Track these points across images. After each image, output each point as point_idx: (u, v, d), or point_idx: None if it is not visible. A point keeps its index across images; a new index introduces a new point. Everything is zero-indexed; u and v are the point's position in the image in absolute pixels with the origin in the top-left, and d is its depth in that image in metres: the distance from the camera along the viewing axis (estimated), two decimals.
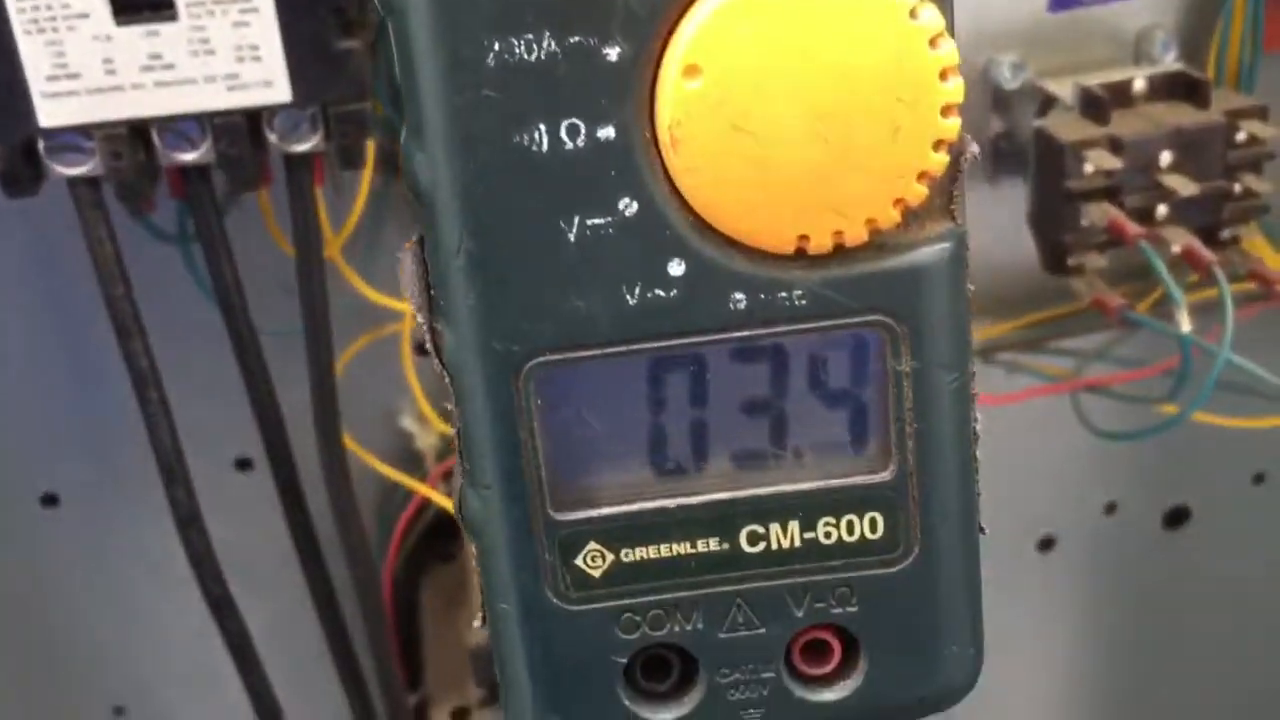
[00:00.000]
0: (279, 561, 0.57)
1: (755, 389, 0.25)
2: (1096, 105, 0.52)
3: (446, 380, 0.24)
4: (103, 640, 0.63)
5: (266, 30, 0.39)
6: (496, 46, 0.22)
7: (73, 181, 0.41)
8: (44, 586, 0.62)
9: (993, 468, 0.68)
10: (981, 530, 0.26)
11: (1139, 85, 0.53)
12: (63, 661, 0.64)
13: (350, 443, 0.52)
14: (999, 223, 0.59)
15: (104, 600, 0.62)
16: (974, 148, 0.24)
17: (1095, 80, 0.53)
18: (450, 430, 0.25)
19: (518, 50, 0.22)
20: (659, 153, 0.22)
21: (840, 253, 0.23)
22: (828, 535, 0.25)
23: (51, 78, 0.39)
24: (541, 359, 0.24)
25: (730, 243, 0.23)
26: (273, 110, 0.41)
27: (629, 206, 0.23)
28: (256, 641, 0.62)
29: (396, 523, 0.58)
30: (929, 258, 0.24)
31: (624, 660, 0.26)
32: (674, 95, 0.22)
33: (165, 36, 0.38)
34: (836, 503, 0.25)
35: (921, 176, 0.23)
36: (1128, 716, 0.76)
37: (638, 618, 0.25)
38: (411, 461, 0.58)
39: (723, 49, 0.22)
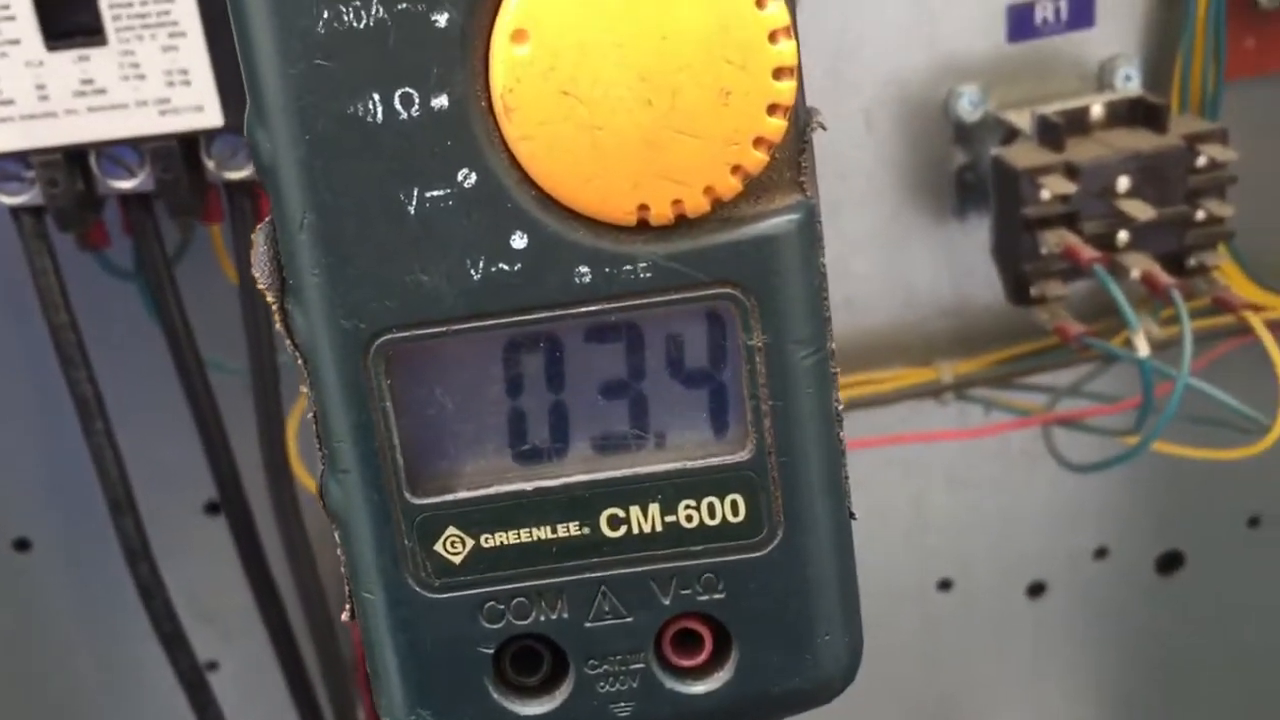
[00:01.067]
0: (250, 607, 0.57)
1: (610, 369, 0.24)
2: (1053, 132, 0.52)
3: (300, 363, 0.24)
4: (82, 684, 0.63)
5: (195, 54, 0.39)
6: (325, 14, 0.22)
7: (15, 211, 0.42)
8: (21, 632, 0.62)
9: (979, 511, 0.67)
10: (851, 515, 0.25)
11: (1096, 111, 0.53)
12: (42, 708, 0.64)
13: (309, 481, 0.52)
14: (968, 258, 0.59)
15: (81, 644, 0.62)
16: (820, 117, 0.24)
17: (1053, 108, 0.53)
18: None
19: (346, 17, 0.22)
20: (494, 122, 0.22)
21: (684, 224, 0.23)
22: (689, 519, 0.24)
23: None
24: (389, 336, 0.23)
25: (572, 215, 0.23)
26: (209, 136, 0.41)
27: (468, 178, 0.23)
28: (227, 688, 0.62)
29: None
30: (776, 229, 0.23)
31: (491, 651, 0.25)
32: (504, 61, 0.22)
33: (96, 61, 0.39)
34: (696, 485, 0.24)
35: (759, 143, 0.22)
36: None
37: (501, 606, 0.25)
38: None
39: (549, 13, 0.22)
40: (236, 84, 0.40)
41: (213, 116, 0.40)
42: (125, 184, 0.42)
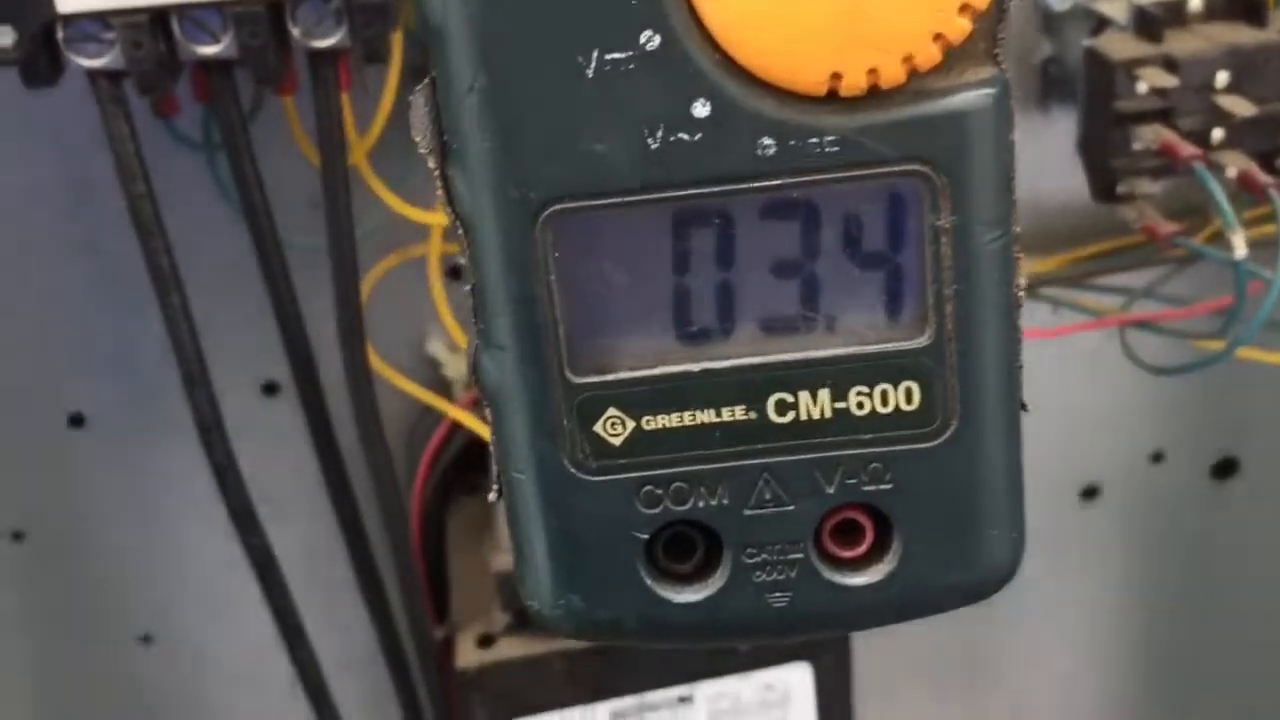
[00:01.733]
0: (307, 489, 0.57)
1: (785, 248, 0.23)
2: (1150, 23, 0.50)
3: (460, 231, 0.23)
4: (129, 565, 0.63)
5: None
6: None
7: (93, 75, 0.40)
8: (70, 509, 0.61)
9: (1037, 411, 0.66)
10: (1024, 407, 0.24)
11: (1195, 4, 0.51)
12: (89, 586, 0.63)
13: (378, 364, 0.51)
14: (1048, 153, 0.58)
15: (130, 524, 0.62)
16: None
17: None
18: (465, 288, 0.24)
19: None
20: None
21: (876, 96, 0.22)
22: (860, 406, 0.24)
23: None
24: (559, 206, 0.22)
25: (759, 83, 0.22)
26: (295, 1, 0.39)
27: (650, 40, 0.21)
28: (284, 569, 0.62)
29: (423, 453, 0.57)
30: (972, 103, 0.22)
31: (646, 536, 0.24)
32: None
33: None
34: (870, 370, 0.23)
35: (964, 9, 0.21)
36: (1172, 673, 0.74)
37: (659, 490, 0.24)
38: (439, 389, 0.56)
39: None
40: None
41: None
42: (209, 49, 0.40)
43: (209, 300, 0.52)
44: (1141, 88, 0.49)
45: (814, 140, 0.22)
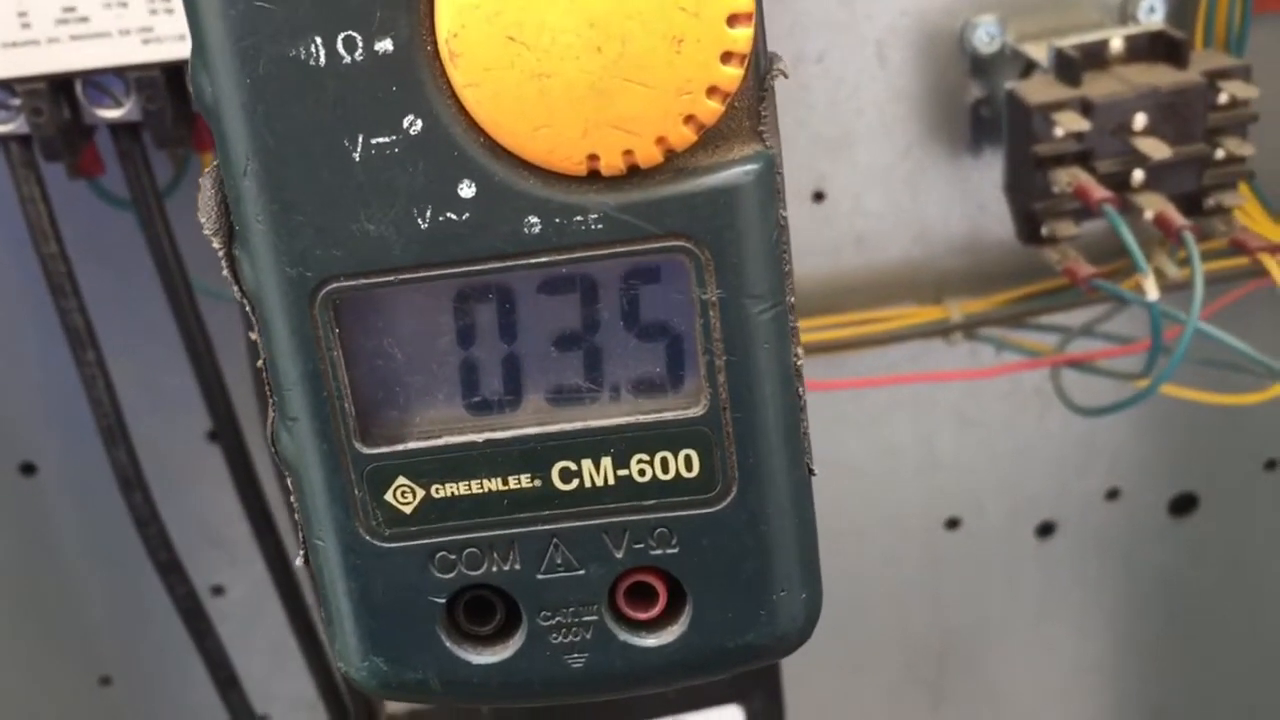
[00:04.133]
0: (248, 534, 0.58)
1: (562, 321, 0.24)
2: (1069, 66, 0.51)
3: (247, 309, 0.24)
4: (87, 609, 0.64)
5: None
6: None
7: (2, 140, 0.42)
8: (28, 556, 0.62)
9: (989, 450, 0.66)
10: (810, 471, 0.25)
11: (1116, 46, 0.52)
12: (50, 632, 0.65)
13: None
14: (981, 195, 0.58)
15: (86, 569, 0.63)
16: (782, 64, 0.23)
17: (1070, 41, 0.52)
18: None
19: None
20: (441, 68, 0.22)
21: (636, 174, 0.22)
22: (642, 473, 0.24)
23: None
24: (336, 284, 0.23)
25: (521, 163, 0.22)
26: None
27: (414, 124, 0.22)
28: (236, 610, 0.63)
29: None
30: (732, 180, 0.22)
31: (442, 600, 0.25)
32: (449, 4, 0.21)
33: None
34: (649, 439, 0.24)
35: (713, 92, 0.22)
36: (1133, 707, 0.74)
37: (453, 556, 0.25)
38: None
39: None
40: None
41: None
42: (112, 113, 0.41)
43: (156, 347, 0.53)
44: (1058, 131, 0.49)
45: (579, 218, 0.22)
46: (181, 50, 0.40)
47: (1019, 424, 0.64)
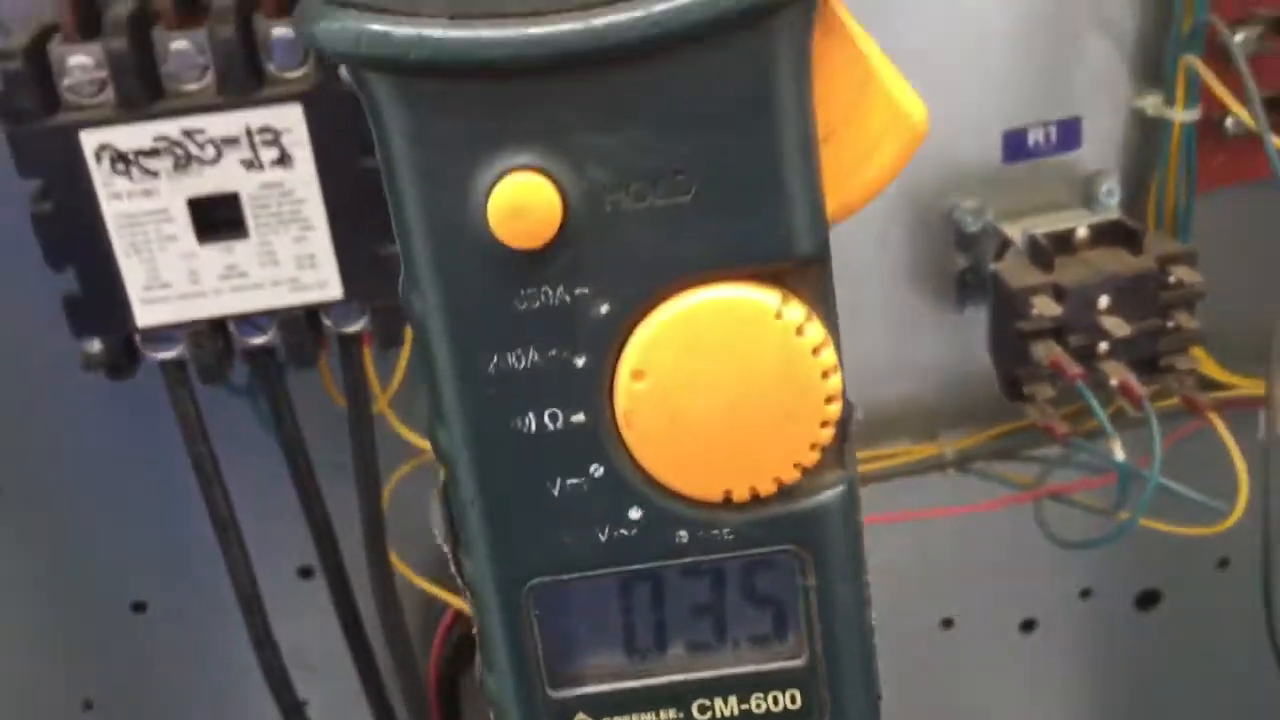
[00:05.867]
0: (334, 656, 0.65)
1: (700, 598, 0.32)
2: (1042, 253, 0.59)
3: (466, 594, 0.32)
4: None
5: (321, 243, 0.47)
6: (495, 359, 0.30)
7: (163, 364, 0.50)
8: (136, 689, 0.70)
9: (977, 558, 0.75)
10: (878, 695, 0.33)
11: (1081, 234, 0.60)
12: None
13: (395, 561, 0.60)
14: (968, 344, 0.66)
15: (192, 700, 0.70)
16: (859, 414, 0.31)
17: (1043, 228, 0.61)
18: None
19: (510, 361, 0.30)
20: (618, 432, 0.30)
21: (756, 500, 0.31)
22: (759, 706, 0.32)
23: (147, 287, 0.47)
24: (537, 580, 0.31)
25: (675, 495, 0.31)
26: (327, 304, 0.49)
27: (597, 470, 0.30)
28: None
29: (438, 624, 0.66)
30: (826, 500, 0.31)
31: None
32: (626, 392, 0.30)
33: (239, 252, 0.47)
34: (765, 682, 0.32)
35: (813, 446, 0.30)
36: None
37: None
38: (447, 577, 0.65)
39: (659, 360, 0.29)
40: (354, 265, 0.48)
41: (334, 290, 0.48)
42: (257, 340, 0.49)
43: (251, 500, 0.61)
44: (1035, 312, 0.58)
45: (715, 531, 0.31)
46: (323, 295, 0.48)
47: (1004, 535, 0.73)
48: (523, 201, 0.28)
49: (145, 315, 0.47)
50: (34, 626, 0.67)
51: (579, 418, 0.30)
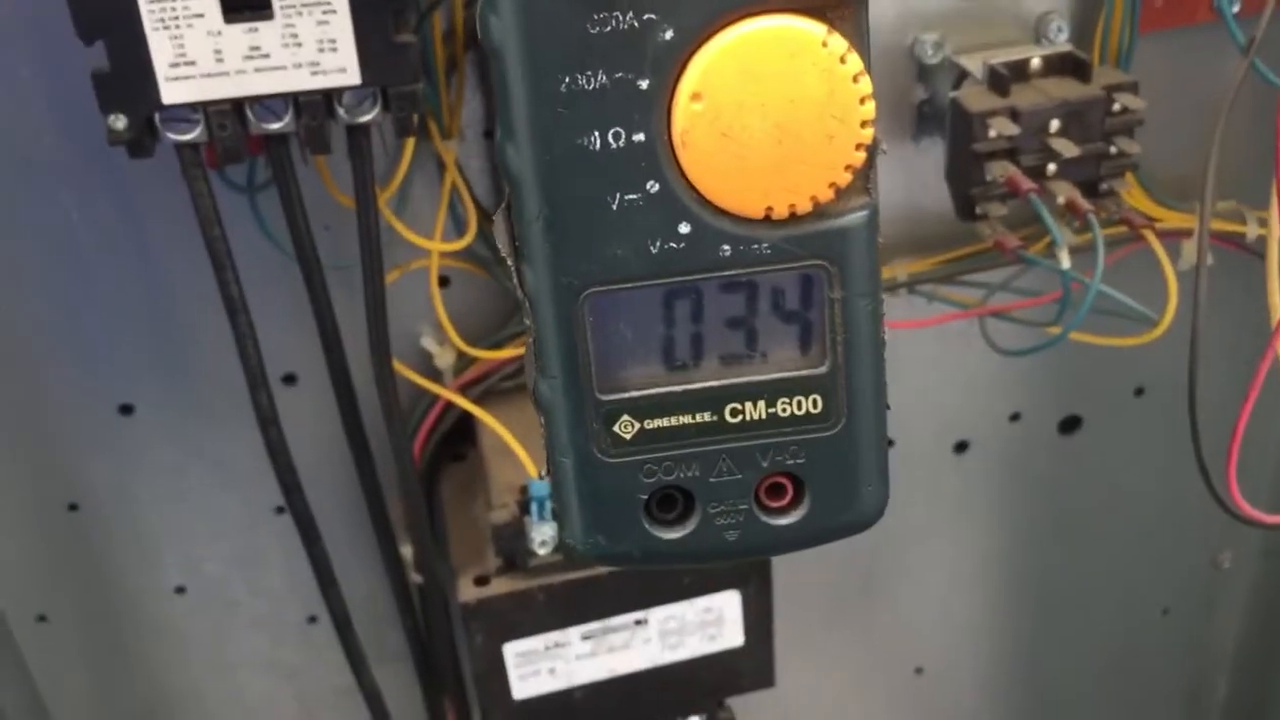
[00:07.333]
0: (317, 463, 0.68)
1: (736, 311, 0.36)
2: (1000, 81, 0.64)
3: (525, 304, 0.36)
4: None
5: (343, 27, 0.49)
6: (566, 80, 0.33)
7: (179, 146, 0.52)
8: (117, 489, 0.72)
9: (918, 384, 0.80)
10: (887, 406, 0.37)
11: (1035, 64, 0.65)
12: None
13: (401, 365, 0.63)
14: (922, 175, 0.71)
15: (170, 499, 0.73)
16: (883, 146, 0.35)
17: (999, 59, 0.65)
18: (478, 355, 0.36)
19: (580, 82, 0.33)
20: (673, 151, 0.34)
21: (794, 218, 0.34)
22: (784, 410, 0.36)
23: (173, 64, 0.49)
24: (593, 289, 0.35)
25: (721, 211, 0.34)
26: (342, 90, 0.51)
27: (653, 186, 0.34)
28: None
29: (418, 430, 0.69)
30: (853, 221, 0.35)
31: (645, 497, 0.37)
32: (684, 112, 0.33)
33: (263, 32, 0.49)
34: (790, 388, 0.36)
35: (848, 168, 0.34)
36: (1024, 592, 0.89)
37: (655, 467, 0.37)
38: (431, 377, 0.69)
39: (716, 83, 0.33)
40: (373, 50, 0.50)
41: (353, 76, 0.50)
42: (274, 125, 0.52)
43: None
44: (992, 133, 0.63)
45: (755, 245, 0.35)
46: (341, 80, 0.50)
47: (943, 362, 0.78)
48: None
49: (170, 93, 0.49)
50: (18, 429, 0.69)
51: (640, 137, 0.33)
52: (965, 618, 0.89)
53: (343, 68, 0.50)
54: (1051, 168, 0.64)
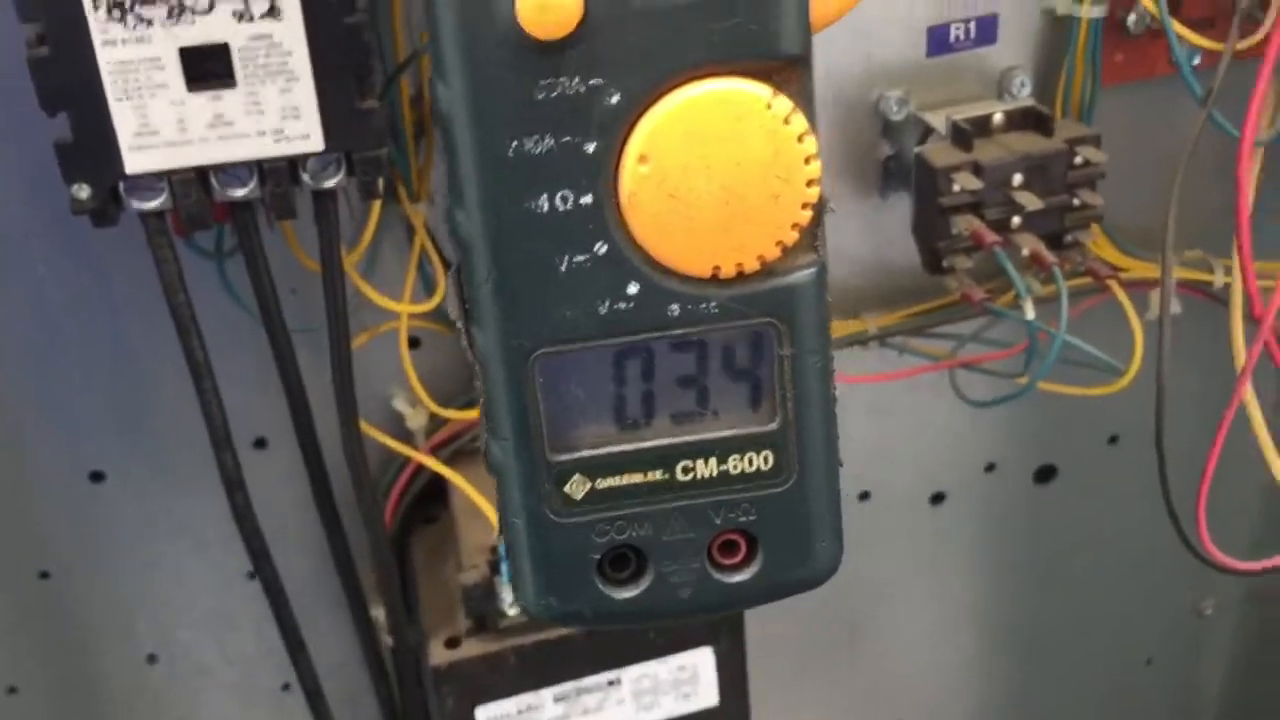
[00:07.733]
0: (287, 526, 0.68)
1: (686, 369, 0.36)
2: (963, 136, 0.64)
3: (476, 367, 0.36)
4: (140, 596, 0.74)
5: (306, 94, 0.50)
6: (514, 144, 0.33)
7: (144, 214, 0.52)
8: (88, 556, 0.72)
9: (892, 437, 0.81)
10: (840, 462, 0.38)
11: (998, 119, 0.66)
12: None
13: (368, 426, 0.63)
14: (889, 230, 0.71)
15: (142, 565, 0.72)
16: (831, 202, 0.35)
17: (963, 114, 0.66)
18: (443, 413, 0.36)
19: (527, 146, 0.33)
20: (621, 213, 0.34)
21: (741, 277, 0.35)
22: (735, 467, 0.37)
23: (137, 134, 0.49)
24: (543, 350, 0.35)
25: (669, 271, 0.35)
26: (306, 156, 0.51)
27: (601, 248, 0.34)
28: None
29: (390, 493, 0.69)
30: (801, 279, 0.35)
31: (597, 556, 0.37)
32: (631, 174, 0.33)
33: (226, 100, 0.49)
34: (741, 445, 0.36)
35: (795, 226, 0.34)
36: (1007, 643, 0.89)
37: (606, 526, 0.37)
38: (404, 438, 0.69)
39: (662, 145, 0.33)
40: (336, 117, 0.50)
41: (316, 143, 0.51)
42: (238, 192, 0.52)
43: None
44: (956, 187, 0.63)
45: (703, 305, 0.35)
46: (305, 147, 0.50)
47: (916, 412, 0.79)
48: None
49: (134, 162, 0.50)
50: None
51: (587, 199, 0.34)
52: (946, 670, 0.89)
53: (306, 134, 0.50)
54: (1016, 220, 0.64)
